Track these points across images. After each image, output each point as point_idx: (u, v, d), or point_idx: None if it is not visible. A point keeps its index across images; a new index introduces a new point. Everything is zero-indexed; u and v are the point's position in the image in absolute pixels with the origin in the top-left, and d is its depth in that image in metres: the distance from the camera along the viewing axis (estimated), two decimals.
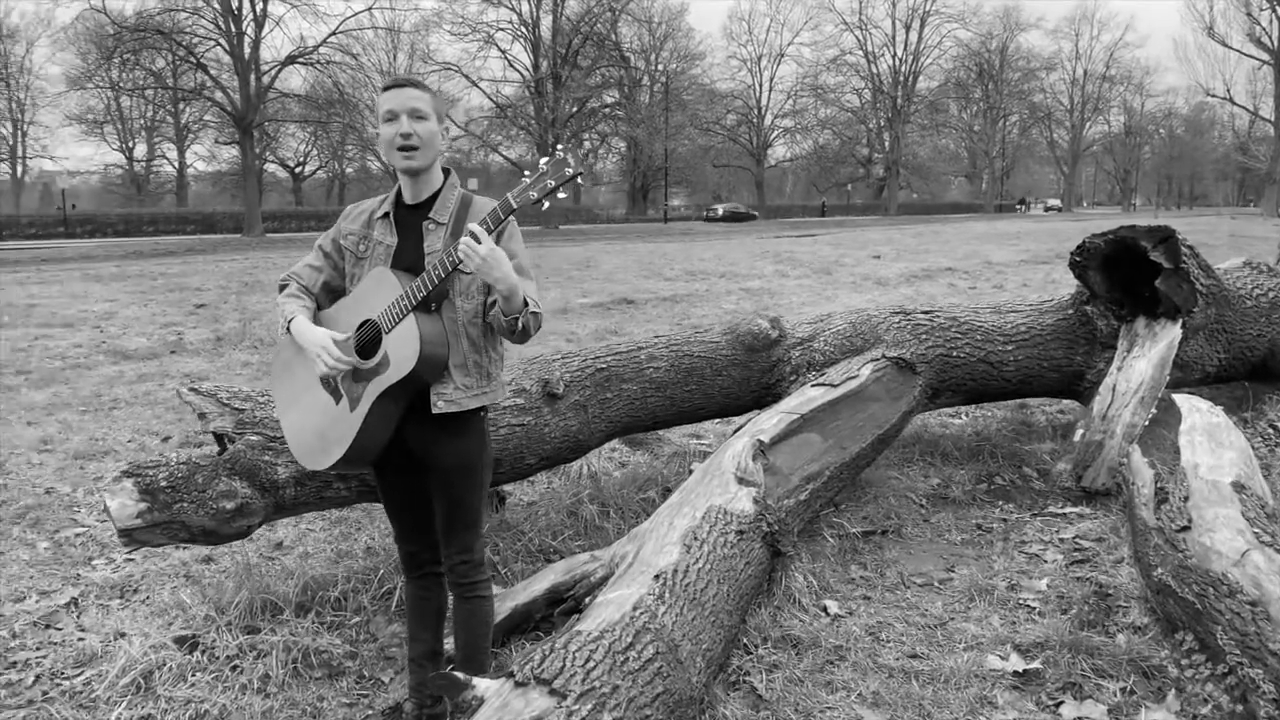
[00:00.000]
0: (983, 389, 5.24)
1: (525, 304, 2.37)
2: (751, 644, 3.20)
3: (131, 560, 4.12)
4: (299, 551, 4.12)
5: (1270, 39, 52.36)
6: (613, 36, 51.09)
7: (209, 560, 4.07)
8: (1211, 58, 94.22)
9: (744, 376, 4.85)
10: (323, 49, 39.05)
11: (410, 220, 2.54)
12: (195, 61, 38.16)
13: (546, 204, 2.34)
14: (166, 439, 6.13)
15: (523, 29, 48.12)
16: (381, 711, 2.88)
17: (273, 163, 57.66)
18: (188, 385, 3.37)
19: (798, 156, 73.46)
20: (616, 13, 49.54)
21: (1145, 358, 4.81)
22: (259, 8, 38.37)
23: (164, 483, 3.01)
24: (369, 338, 2.46)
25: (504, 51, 48.88)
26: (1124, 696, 2.83)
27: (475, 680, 2.33)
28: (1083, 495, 4.58)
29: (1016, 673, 2.99)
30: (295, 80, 44.29)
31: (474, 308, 2.48)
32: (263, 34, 38.72)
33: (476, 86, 48.53)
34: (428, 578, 2.76)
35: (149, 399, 7.37)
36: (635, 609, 2.68)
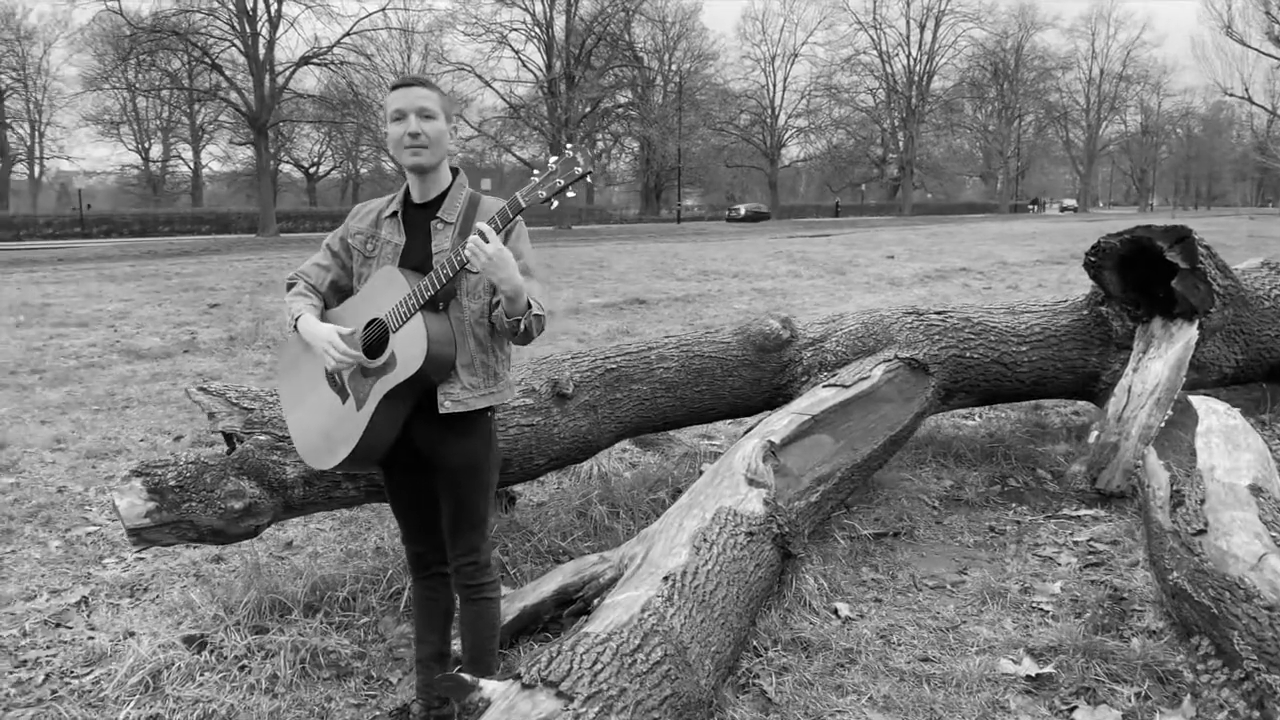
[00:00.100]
0: (996, 390, 5.20)
1: (529, 306, 2.35)
2: (761, 646, 3.18)
3: (142, 559, 4.13)
4: (308, 551, 4.12)
5: None
6: (626, 36, 51.01)
7: (219, 560, 4.08)
8: (1230, 56, 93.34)
9: (755, 377, 4.82)
10: (337, 49, 39.16)
11: (418, 219, 2.53)
12: (210, 62, 38.34)
13: (555, 203, 2.33)
14: (179, 438, 6.15)
15: (536, 29, 48.07)
16: (389, 712, 2.87)
17: (287, 163, 57.98)
18: (197, 385, 3.37)
19: (811, 156, 73.24)
20: (630, 13, 49.44)
21: (1161, 359, 4.76)
22: (273, 8, 38.55)
23: (172, 482, 3.01)
24: (376, 336, 2.45)
25: (517, 52, 48.88)
26: (1139, 702, 2.79)
27: (482, 682, 2.32)
28: (1097, 498, 4.54)
29: (1029, 677, 2.96)
30: (309, 81, 44.55)
31: (481, 307, 2.46)
32: (277, 35, 38.92)
33: (490, 87, 48.53)
34: (435, 579, 2.75)
35: (162, 398, 7.40)
36: (644, 611, 2.67)
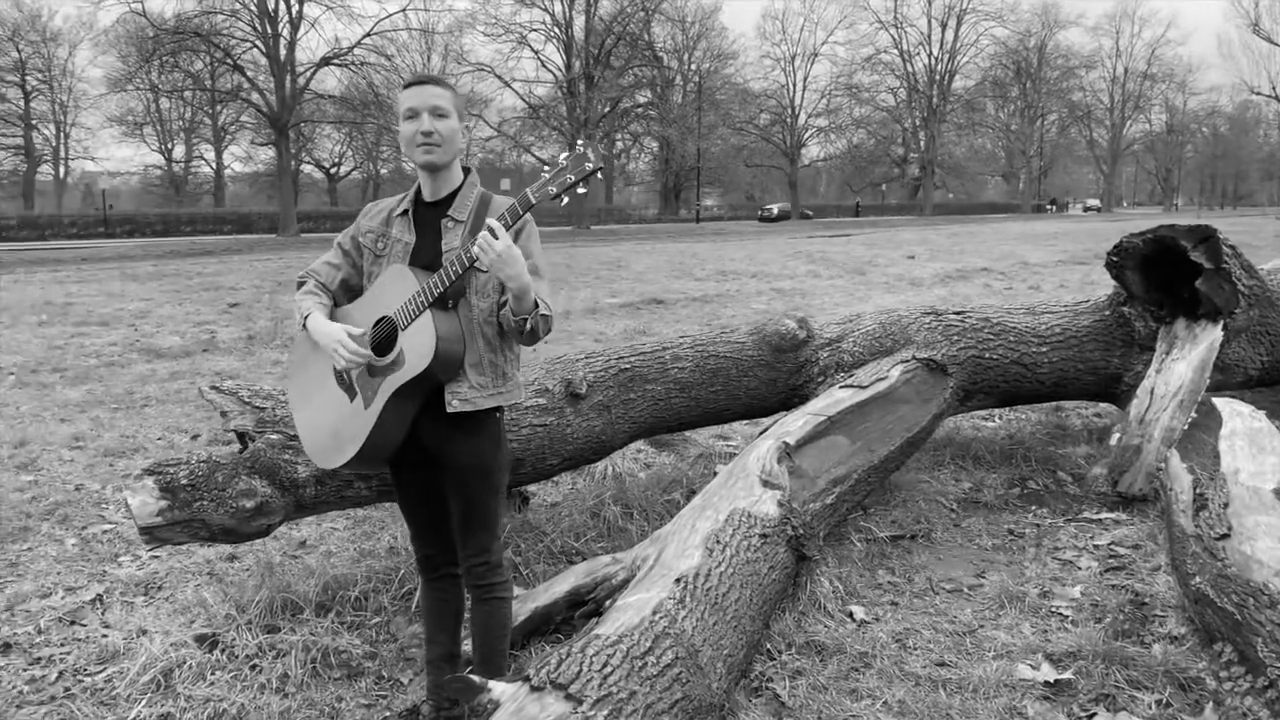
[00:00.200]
0: (1016, 391, 5.14)
1: (536, 306, 2.33)
2: (775, 649, 3.14)
3: (157, 557, 4.14)
4: (322, 550, 4.12)
5: None
6: (645, 36, 51.01)
7: (233, 558, 4.08)
8: (1256, 54, 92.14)
9: (771, 377, 4.78)
10: (357, 50, 39.39)
11: (429, 218, 2.51)
12: (232, 63, 38.66)
13: (566, 199, 2.30)
14: (196, 436, 6.18)
15: (555, 29, 48.20)
16: (399, 713, 2.86)
17: (308, 164, 58.41)
18: (210, 384, 3.37)
19: (832, 156, 73.04)
20: (649, 12, 49.45)
21: (1185, 360, 4.69)
22: (294, 10, 38.80)
23: (184, 481, 3.01)
24: (385, 334, 2.43)
25: (536, 52, 49.01)
26: (1159, 709, 2.74)
27: (491, 683, 2.30)
28: (1119, 501, 4.47)
29: (1048, 683, 2.91)
30: (330, 82, 44.81)
31: (490, 306, 2.44)
32: (298, 36, 39.16)
33: (509, 87, 48.72)
34: (444, 579, 2.73)
35: (180, 397, 7.44)
36: (655, 613, 2.64)
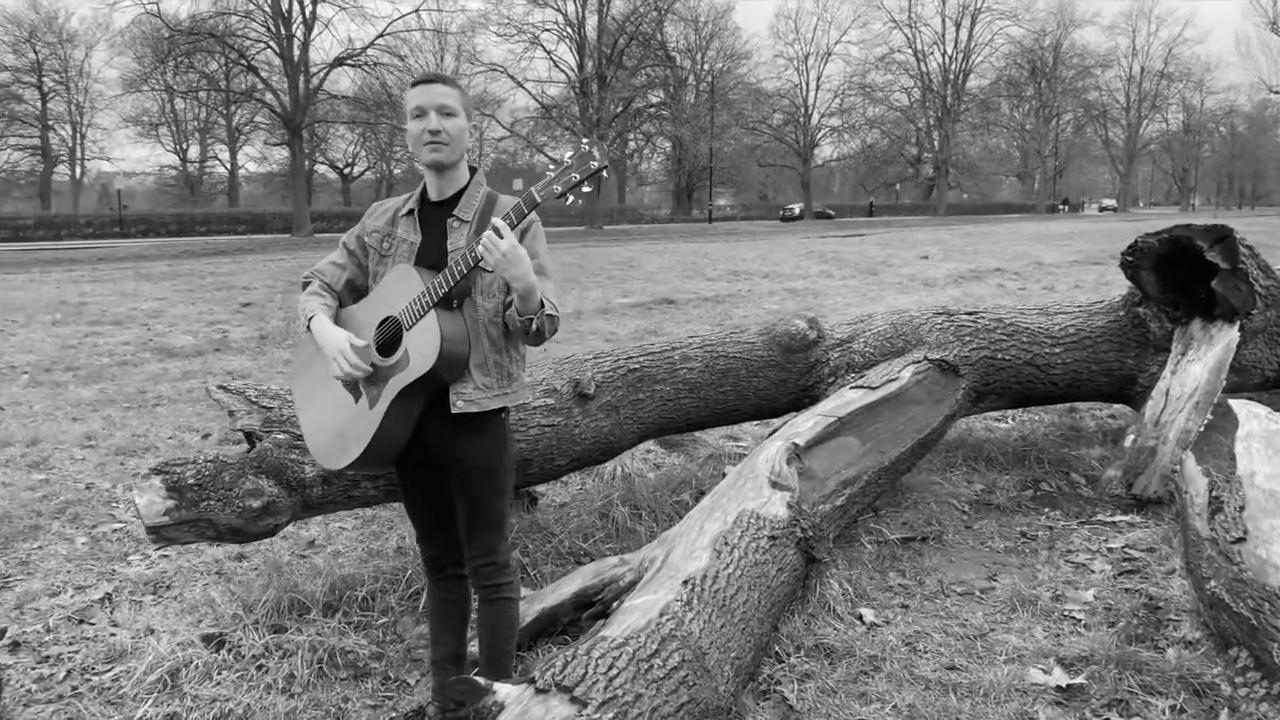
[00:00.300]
0: (1029, 392, 5.09)
1: (541, 305, 2.31)
2: (784, 652, 3.12)
3: (166, 556, 4.14)
4: (330, 550, 4.12)
5: None
6: (658, 36, 50.98)
7: (242, 558, 4.08)
8: (1275, 53, 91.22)
9: (781, 378, 4.75)
10: (370, 51, 39.54)
11: (435, 217, 2.50)
12: (246, 64, 38.86)
13: (571, 198, 2.28)
14: (206, 436, 6.19)
15: (568, 29, 48.22)
16: (405, 714, 2.84)
17: (322, 164, 58.57)
18: (217, 384, 3.36)
19: (845, 156, 72.86)
20: (662, 12, 49.42)
21: (1201, 361, 4.64)
22: (308, 10, 38.98)
23: (191, 480, 3.01)
24: (390, 334, 2.42)
25: (549, 52, 49.07)
26: (1173, 715, 2.70)
27: (496, 685, 2.28)
28: (1133, 503, 4.42)
29: (1059, 687, 2.87)
30: (344, 82, 44.95)
31: (495, 306, 2.43)
32: (311, 36, 39.37)
33: (522, 87, 48.77)
34: (450, 580, 2.72)
35: (192, 396, 7.46)
36: (661, 615, 2.62)
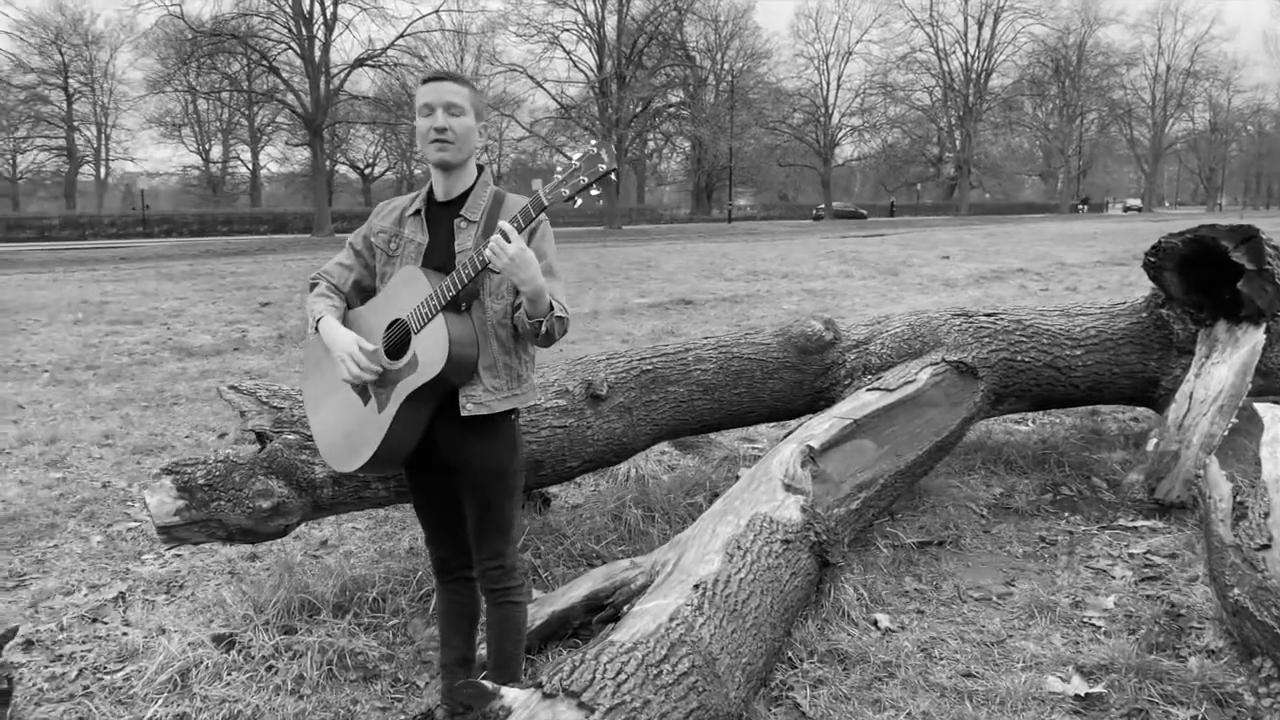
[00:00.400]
0: (1049, 395, 5.02)
1: (551, 308, 2.29)
2: (796, 658, 3.08)
3: (180, 556, 4.15)
4: (342, 550, 4.11)
5: None
6: (678, 36, 50.89)
7: (254, 558, 4.08)
8: None
9: (796, 380, 4.71)
10: (390, 51, 39.63)
11: (442, 217, 2.48)
12: (268, 65, 39.07)
13: (579, 201, 2.25)
14: (223, 435, 6.21)
15: (588, 29, 48.23)
16: (413, 717, 2.83)
17: (343, 164, 58.92)
18: (228, 384, 3.36)
19: (866, 155, 72.52)
20: (682, 12, 49.35)
21: (1225, 364, 4.56)
22: (329, 11, 39.14)
23: (201, 480, 3.00)
24: (398, 337, 2.40)
25: (569, 52, 49.07)
26: None
27: (503, 690, 2.26)
28: (1155, 508, 4.35)
29: (1078, 696, 2.82)
30: (364, 83, 45.14)
31: (504, 308, 2.40)
32: (332, 37, 39.50)
33: (541, 88, 48.83)
34: (459, 582, 2.70)
35: (209, 395, 7.49)
36: (672, 620, 2.59)
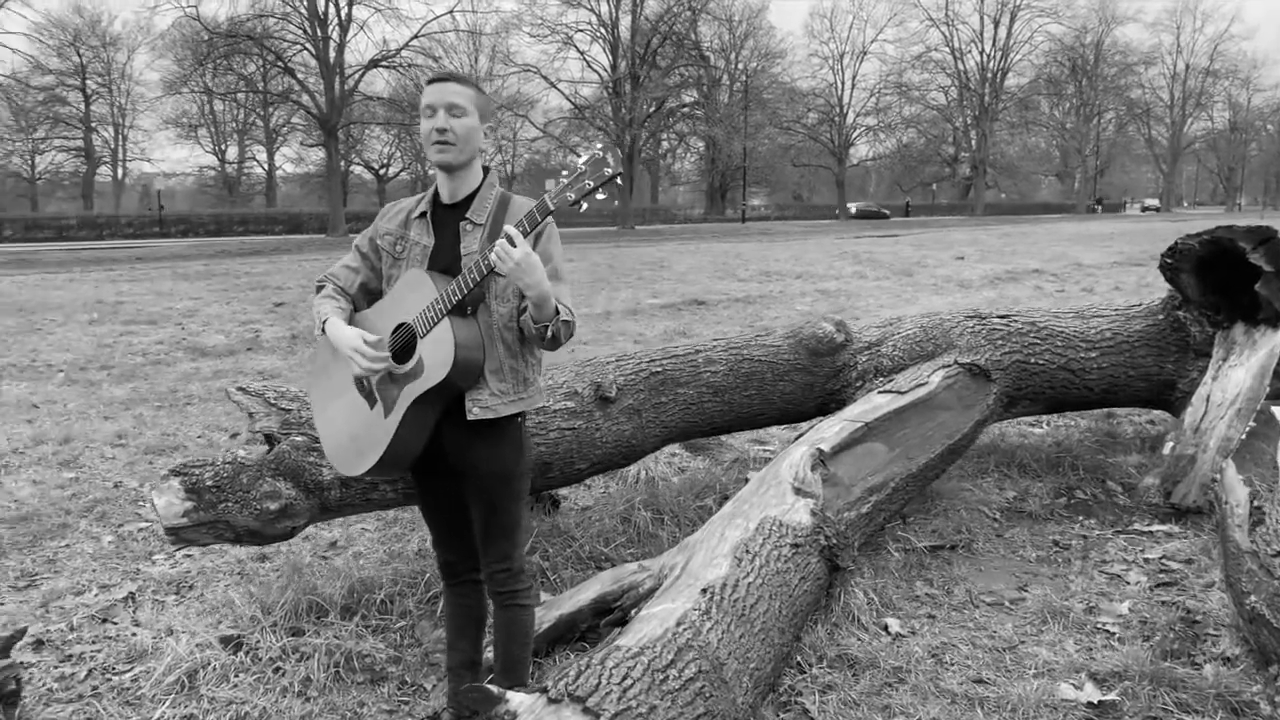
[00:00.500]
0: (1063, 398, 4.97)
1: (557, 312, 2.27)
2: (805, 663, 3.05)
3: (190, 556, 4.15)
4: (351, 551, 4.11)
5: None
6: (692, 36, 50.85)
7: (264, 558, 4.08)
8: None
9: (807, 382, 4.68)
10: (405, 52, 39.76)
11: (448, 220, 2.46)
12: (283, 66, 39.25)
13: (585, 205, 2.23)
14: (235, 435, 6.23)
15: (601, 30, 48.26)
16: None
17: (357, 164, 59.04)
18: (236, 385, 3.36)
19: (881, 155, 72.21)
20: (696, 12, 49.30)
21: (1243, 367, 4.50)
22: (344, 12, 39.27)
23: (209, 482, 3.00)
24: (404, 341, 2.39)
25: (582, 53, 49.14)
26: None
27: (509, 694, 2.24)
28: (1171, 513, 4.30)
29: (1091, 704, 2.79)
30: (379, 84, 45.19)
31: (510, 311, 2.39)
32: (347, 38, 39.63)
33: (555, 88, 48.91)
34: (466, 585, 2.69)
35: (222, 395, 7.51)
36: (679, 625, 2.57)
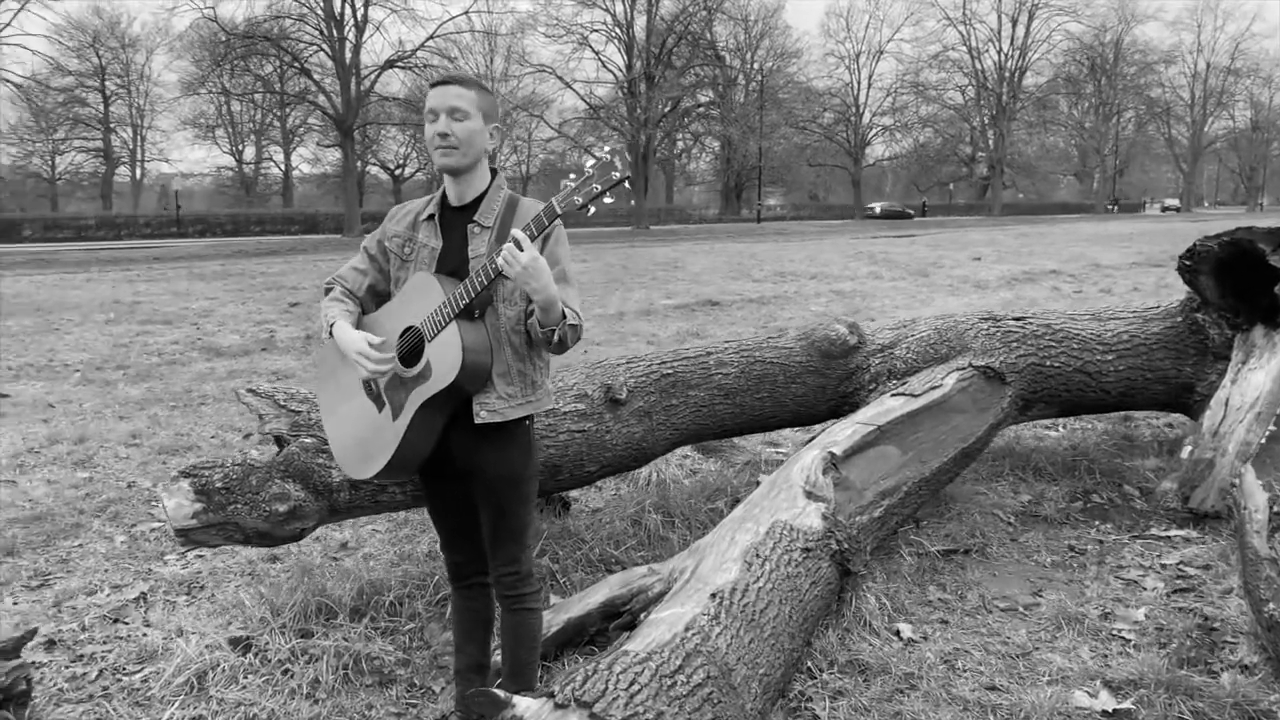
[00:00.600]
0: (1079, 401, 4.92)
1: (564, 316, 2.26)
2: (816, 668, 3.03)
3: (201, 556, 4.16)
4: (362, 553, 4.11)
5: None
6: (707, 35, 50.75)
7: (275, 559, 4.08)
8: None
9: (819, 384, 4.65)
10: (420, 53, 39.81)
11: (455, 222, 2.45)
12: (300, 67, 39.43)
13: (593, 209, 2.22)
14: (248, 435, 6.24)
15: (616, 30, 48.19)
16: None
17: (373, 165, 59.20)
18: (246, 386, 3.36)
19: (897, 155, 71.87)
20: (711, 11, 49.22)
21: (1263, 370, 4.45)
22: (360, 13, 39.40)
23: (219, 484, 3.00)
24: (412, 344, 2.38)
25: (597, 53, 49.07)
26: None
27: (515, 699, 2.23)
28: (1189, 518, 4.25)
29: (1106, 712, 2.75)
30: (394, 84, 45.29)
31: (518, 314, 2.37)
32: (363, 39, 39.72)
33: (570, 88, 48.91)
34: (474, 588, 2.68)
35: (236, 395, 7.54)
36: (687, 629, 2.55)
